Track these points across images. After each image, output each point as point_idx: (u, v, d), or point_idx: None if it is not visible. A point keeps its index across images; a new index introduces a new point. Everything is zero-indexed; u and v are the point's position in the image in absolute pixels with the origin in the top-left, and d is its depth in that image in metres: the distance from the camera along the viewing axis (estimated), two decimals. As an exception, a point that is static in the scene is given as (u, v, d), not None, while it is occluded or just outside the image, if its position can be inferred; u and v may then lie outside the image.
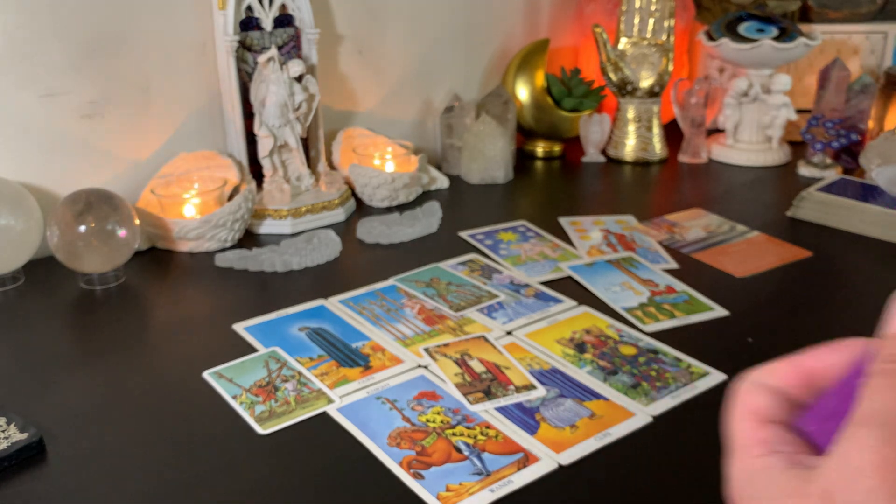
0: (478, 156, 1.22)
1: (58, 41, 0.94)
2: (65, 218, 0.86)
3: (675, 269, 0.93)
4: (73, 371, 0.73)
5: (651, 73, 1.31)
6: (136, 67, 1.01)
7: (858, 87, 1.27)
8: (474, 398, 0.66)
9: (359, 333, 0.78)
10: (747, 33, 1.27)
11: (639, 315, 0.81)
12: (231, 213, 0.97)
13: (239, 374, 0.71)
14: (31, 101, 0.94)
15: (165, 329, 0.82)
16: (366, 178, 1.11)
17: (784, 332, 0.78)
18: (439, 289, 0.87)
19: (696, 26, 1.44)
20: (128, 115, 1.02)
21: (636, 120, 1.33)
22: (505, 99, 1.27)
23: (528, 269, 0.92)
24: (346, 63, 1.21)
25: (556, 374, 0.70)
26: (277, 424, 0.64)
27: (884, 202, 1.03)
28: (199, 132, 1.08)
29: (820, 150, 1.24)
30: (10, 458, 0.58)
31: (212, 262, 0.95)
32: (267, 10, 1.05)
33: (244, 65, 1.05)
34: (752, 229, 1.03)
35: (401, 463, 0.59)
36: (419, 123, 1.33)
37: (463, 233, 1.03)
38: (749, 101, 1.30)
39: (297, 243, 0.97)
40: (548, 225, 1.05)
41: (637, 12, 1.31)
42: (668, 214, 1.09)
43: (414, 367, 0.72)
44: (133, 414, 0.66)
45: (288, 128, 1.05)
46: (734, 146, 1.32)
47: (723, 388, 0.68)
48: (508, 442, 0.61)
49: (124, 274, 0.91)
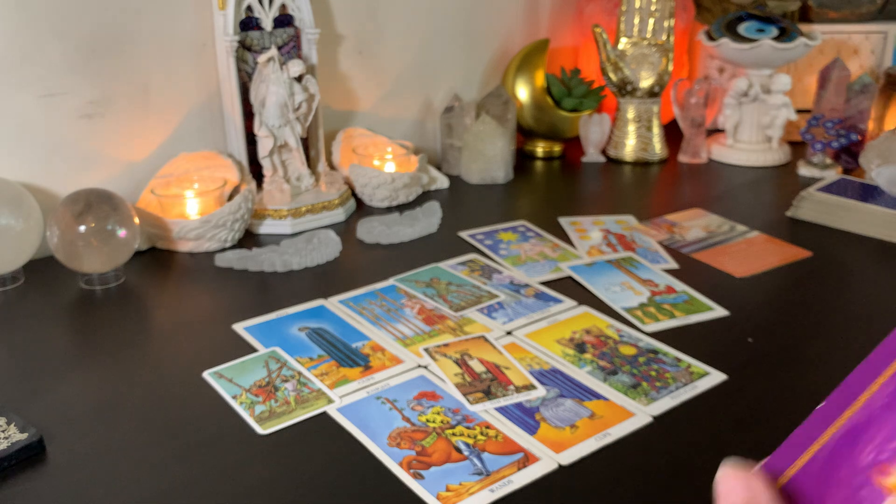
0: (478, 156, 1.22)
1: (58, 41, 0.94)
2: (65, 218, 0.86)
3: (675, 269, 0.93)
4: (73, 371, 0.73)
5: (651, 73, 1.31)
6: (136, 67, 1.01)
7: (858, 87, 1.27)
8: (474, 398, 0.66)
9: (359, 333, 0.78)
10: (747, 33, 1.27)
11: (639, 315, 0.81)
12: (231, 213, 0.97)
13: (239, 374, 0.71)
14: (31, 101, 0.94)
15: (165, 329, 0.82)
16: (366, 178, 1.11)
17: (784, 332, 0.78)
18: (439, 289, 0.87)
19: (696, 26, 1.44)
20: (128, 115, 1.02)
21: (636, 120, 1.33)
22: (505, 99, 1.27)
23: (528, 269, 0.92)
24: (346, 63, 1.21)
25: (556, 374, 0.70)
26: (277, 424, 0.64)
27: (884, 202, 1.03)
28: (199, 132, 1.08)
29: (820, 150, 1.24)
30: (10, 458, 0.58)
31: (212, 262, 0.95)
32: (267, 10, 1.05)
33: (244, 65, 1.05)
34: (752, 229, 1.03)
35: (401, 463, 0.59)
36: (419, 123, 1.33)
37: (463, 233, 1.03)
38: (749, 101, 1.30)
39: (297, 243, 0.97)
40: (548, 225, 1.05)
41: (637, 12, 1.31)
42: (668, 214, 1.09)
43: (414, 367, 0.72)
44: (133, 414, 0.66)
45: (288, 128, 1.05)
46: (734, 146, 1.32)
47: (723, 388, 0.68)
48: (508, 442, 0.61)
49: (124, 274, 0.91)
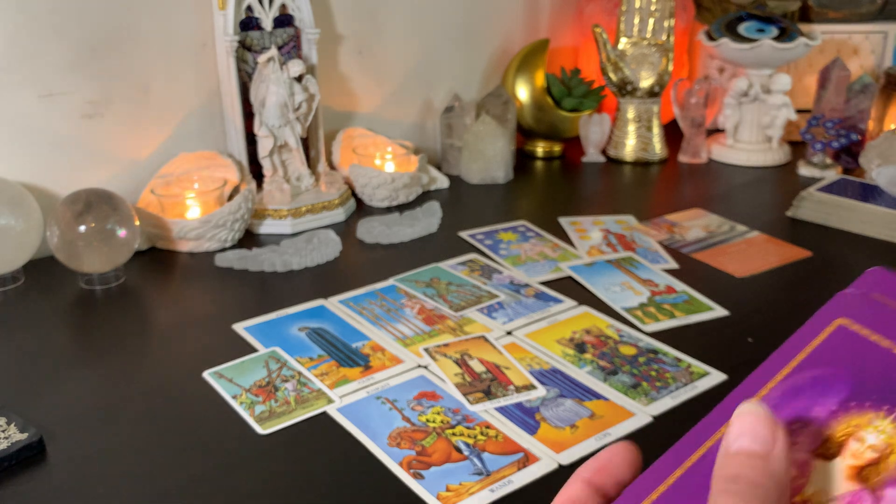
0: (478, 156, 1.22)
1: (58, 41, 0.94)
2: (65, 218, 0.86)
3: (675, 269, 0.93)
4: (73, 371, 0.73)
5: (651, 73, 1.31)
6: (136, 67, 1.01)
7: (858, 87, 1.27)
8: (474, 398, 0.66)
9: (359, 333, 0.78)
10: (747, 33, 1.27)
11: (639, 315, 0.81)
12: (231, 213, 0.97)
13: (239, 374, 0.71)
14: (31, 101, 0.94)
15: (165, 329, 0.82)
16: (366, 178, 1.11)
17: (784, 332, 0.78)
18: (439, 289, 0.87)
19: (696, 26, 1.44)
20: (128, 115, 1.02)
21: (636, 120, 1.33)
22: (505, 99, 1.27)
23: (528, 269, 0.92)
24: (346, 63, 1.21)
25: (556, 374, 0.70)
26: (277, 424, 0.64)
27: (884, 202, 1.03)
28: (199, 132, 1.08)
29: (820, 150, 1.24)
30: (10, 458, 0.58)
31: (212, 262, 0.95)
32: (267, 10, 1.05)
33: (244, 65, 1.05)
34: (752, 229, 1.03)
35: (401, 463, 0.59)
36: (419, 123, 1.33)
37: (463, 233, 1.03)
38: (749, 101, 1.30)
39: (297, 243, 0.97)
40: (548, 225, 1.05)
41: (637, 12, 1.31)
42: (668, 214, 1.09)
43: (414, 367, 0.72)
44: (133, 414, 0.66)
45: (288, 128, 1.05)
46: (734, 146, 1.32)
47: (723, 388, 0.68)
48: (508, 442, 0.61)
49: (124, 274, 0.91)
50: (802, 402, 0.26)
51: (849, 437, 0.25)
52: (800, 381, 0.27)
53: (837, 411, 0.26)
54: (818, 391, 0.26)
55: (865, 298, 0.27)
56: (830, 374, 0.26)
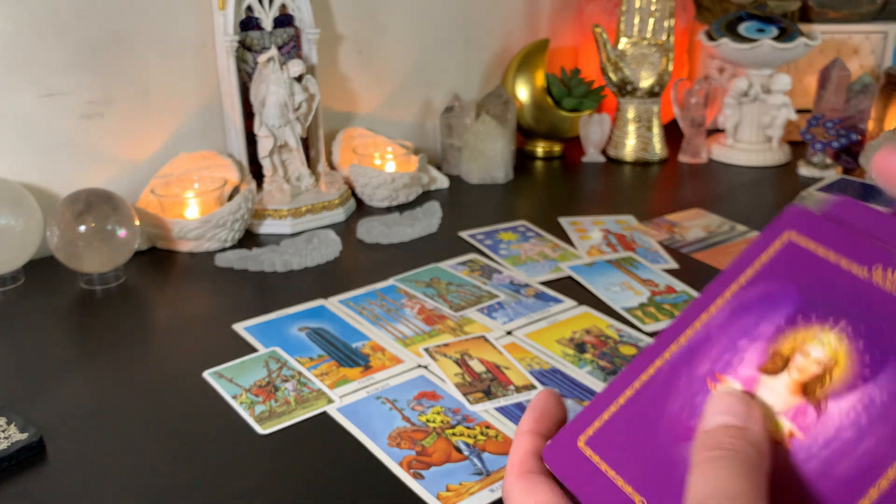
0: (478, 156, 1.22)
1: (58, 41, 0.94)
2: (65, 218, 0.86)
3: (675, 269, 0.93)
4: (73, 371, 0.73)
5: (651, 73, 1.31)
6: (136, 67, 1.01)
7: (858, 87, 1.27)
8: (474, 398, 0.66)
9: (359, 333, 0.78)
10: (747, 33, 1.27)
11: (639, 315, 0.81)
12: (231, 213, 0.97)
13: (239, 374, 0.71)
14: (31, 101, 0.94)
15: (165, 329, 0.82)
16: (366, 178, 1.11)
17: (784, 332, 0.78)
18: (439, 289, 0.87)
19: (696, 26, 1.44)
20: (128, 115, 1.02)
21: (636, 120, 1.33)
22: (505, 99, 1.27)
23: (528, 269, 0.92)
24: (346, 63, 1.21)
25: (557, 374, 0.70)
26: (277, 424, 0.64)
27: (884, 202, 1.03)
28: (199, 132, 1.08)
29: (820, 150, 1.24)
30: (10, 458, 0.58)
31: (212, 262, 0.95)
32: (267, 10, 1.05)
33: (244, 65, 1.05)
34: (752, 229, 1.03)
35: (401, 463, 0.59)
36: (419, 123, 1.33)
37: (463, 233, 1.03)
38: (749, 101, 1.30)
39: (297, 243, 0.97)
40: (548, 225, 1.05)
41: (637, 12, 1.31)
42: (668, 214, 1.09)
43: (414, 367, 0.72)
44: (133, 414, 0.66)
45: (288, 128, 1.05)
46: (734, 146, 1.32)
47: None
48: (508, 442, 0.61)
49: (124, 274, 0.91)
50: (751, 319, 0.27)
51: (795, 352, 0.25)
52: (748, 298, 0.27)
53: (784, 326, 0.26)
54: (766, 307, 0.27)
55: (813, 214, 0.28)
56: (778, 290, 0.27)
